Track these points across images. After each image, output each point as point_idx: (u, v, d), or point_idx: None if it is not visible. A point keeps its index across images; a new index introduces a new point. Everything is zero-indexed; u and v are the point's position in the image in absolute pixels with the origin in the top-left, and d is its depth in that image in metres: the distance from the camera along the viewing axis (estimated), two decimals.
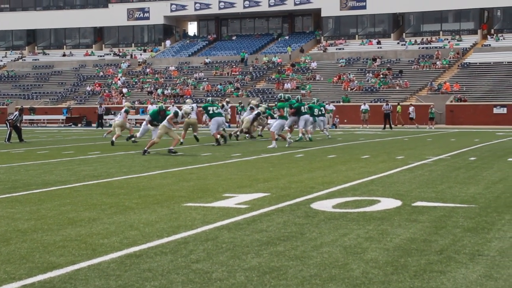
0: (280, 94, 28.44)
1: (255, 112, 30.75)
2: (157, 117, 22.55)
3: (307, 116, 28.15)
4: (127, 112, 28.31)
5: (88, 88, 70.39)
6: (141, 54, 79.30)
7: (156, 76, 71.61)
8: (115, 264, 6.39)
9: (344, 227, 8.12)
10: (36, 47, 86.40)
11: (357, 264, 6.32)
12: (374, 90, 61.14)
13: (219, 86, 66.04)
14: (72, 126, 58.02)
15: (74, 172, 15.23)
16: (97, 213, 9.31)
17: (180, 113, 21.65)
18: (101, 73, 74.82)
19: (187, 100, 32.63)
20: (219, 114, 26.38)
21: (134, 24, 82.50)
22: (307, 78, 65.90)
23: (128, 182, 13.03)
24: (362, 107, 50.52)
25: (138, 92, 68.20)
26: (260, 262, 6.41)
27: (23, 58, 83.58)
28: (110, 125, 40.25)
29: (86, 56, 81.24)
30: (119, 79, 71.44)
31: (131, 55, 79.11)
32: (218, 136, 25.71)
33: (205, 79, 69.00)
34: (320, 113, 30.91)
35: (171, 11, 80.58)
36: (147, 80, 70.73)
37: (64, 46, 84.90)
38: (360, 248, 6.99)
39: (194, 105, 31.09)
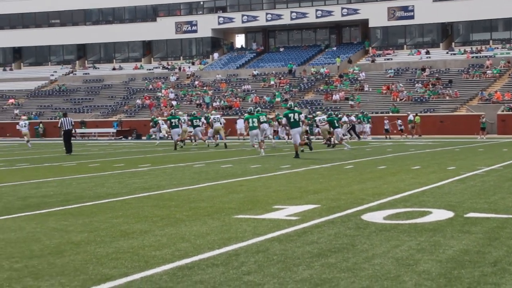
0: (249, 108, 31.43)
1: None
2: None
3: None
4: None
5: (138, 101, 71.06)
6: (189, 67, 79.81)
7: (205, 88, 72.01)
8: (167, 276, 6.42)
9: (395, 239, 8.05)
10: (86, 61, 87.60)
11: (410, 276, 6.26)
12: (424, 100, 60.66)
13: (266, 98, 66.16)
14: (123, 139, 58.60)
15: (125, 184, 15.36)
16: (148, 225, 9.37)
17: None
18: (150, 86, 75.51)
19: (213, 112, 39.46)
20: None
21: (182, 37, 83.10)
22: (355, 89, 65.69)
23: (179, 195, 13.10)
24: (409, 117, 50.42)
25: (187, 104, 68.62)
26: (312, 274, 6.38)
27: (74, 73, 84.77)
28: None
29: (135, 69, 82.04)
30: (169, 92, 72.00)
31: (180, 68, 79.67)
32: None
33: (253, 91, 69.18)
34: (337, 125, 34.59)
35: (219, 23, 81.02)
36: (196, 92, 71.16)
37: (114, 60, 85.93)
38: (412, 260, 6.92)
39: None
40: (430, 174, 16.95)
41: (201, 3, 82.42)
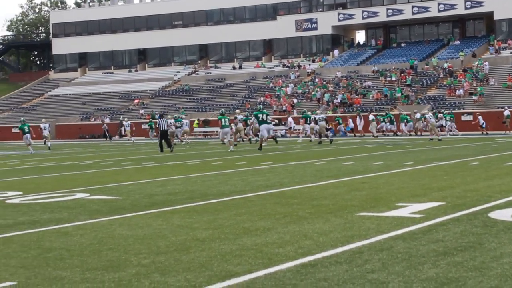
0: (221, 110, 37.91)
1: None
2: None
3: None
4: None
5: (259, 100, 71.58)
6: (309, 65, 79.80)
7: (325, 85, 71.82)
8: (291, 273, 6.45)
9: None
10: (208, 61, 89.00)
11: None
12: None
13: (387, 94, 65.35)
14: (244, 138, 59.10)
15: (248, 182, 15.52)
16: (271, 222, 9.43)
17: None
18: (271, 85, 75.94)
19: (237, 111, 43.49)
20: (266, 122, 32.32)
21: (302, 35, 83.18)
22: (481, 83, 63.98)
23: (301, 192, 13.13)
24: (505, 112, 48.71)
25: (306, 102, 68.67)
26: (438, 273, 6.26)
27: (197, 72, 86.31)
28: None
29: (256, 68, 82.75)
30: (287, 88, 72.20)
31: (300, 66, 79.79)
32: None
33: (374, 87, 68.51)
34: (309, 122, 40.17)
35: (339, 20, 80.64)
36: (317, 89, 71.04)
37: (235, 59, 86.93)
38: None
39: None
40: None
41: (321, 0, 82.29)
